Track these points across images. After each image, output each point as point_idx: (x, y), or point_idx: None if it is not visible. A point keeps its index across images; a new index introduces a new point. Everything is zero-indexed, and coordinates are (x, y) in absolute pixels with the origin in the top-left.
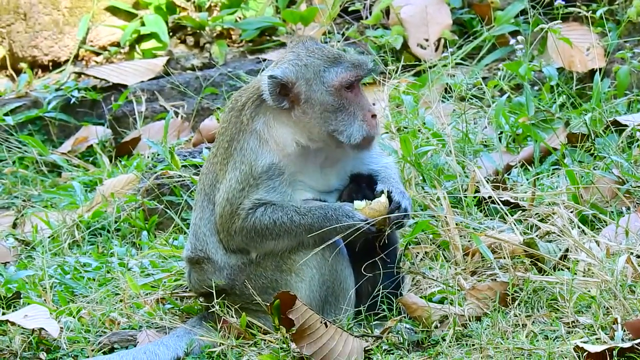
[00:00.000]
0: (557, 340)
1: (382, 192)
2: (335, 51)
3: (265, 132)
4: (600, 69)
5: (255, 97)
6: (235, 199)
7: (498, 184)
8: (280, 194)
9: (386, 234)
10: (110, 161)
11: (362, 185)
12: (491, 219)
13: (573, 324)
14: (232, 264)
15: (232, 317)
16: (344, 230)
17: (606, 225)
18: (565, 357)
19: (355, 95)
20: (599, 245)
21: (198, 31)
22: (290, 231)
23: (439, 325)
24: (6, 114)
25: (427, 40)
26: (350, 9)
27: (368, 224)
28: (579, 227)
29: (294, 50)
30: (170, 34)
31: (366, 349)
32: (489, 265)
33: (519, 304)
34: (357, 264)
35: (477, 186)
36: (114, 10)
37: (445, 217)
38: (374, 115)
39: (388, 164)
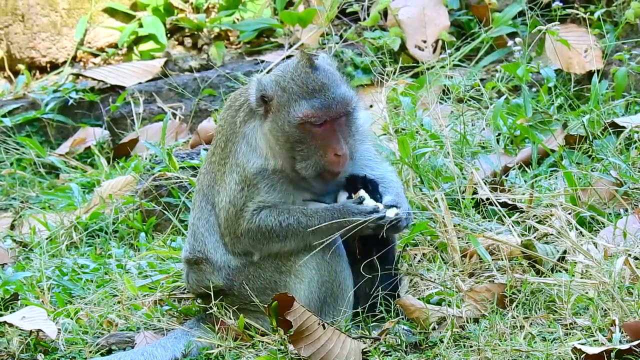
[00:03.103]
0: (555, 342)
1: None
2: (321, 82)
3: (254, 139)
4: (598, 71)
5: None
6: (237, 200)
7: (496, 186)
8: (282, 192)
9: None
10: (108, 163)
11: (358, 186)
12: (489, 221)
13: (571, 325)
14: (232, 265)
15: (230, 318)
16: (353, 228)
17: (604, 227)
18: (563, 359)
19: (323, 131)
20: (596, 247)
21: (196, 33)
22: (296, 233)
23: (436, 326)
24: (4, 116)
25: (425, 41)
26: (348, 11)
27: (380, 218)
28: (576, 229)
29: (289, 64)
30: (168, 35)
31: (364, 350)
32: (487, 266)
33: (516, 306)
34: (355, 265)
35: (475, 188)
36: (111, 12)
37: (443, 218)
38: (337, 155)
39: (387, 171)
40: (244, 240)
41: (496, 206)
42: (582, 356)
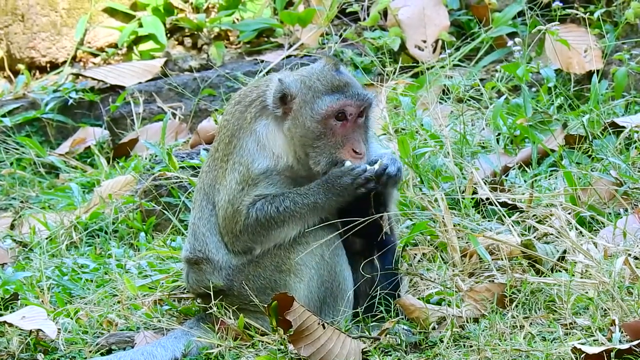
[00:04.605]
0: (555, 342)
1: (377, 161)
2: (345, 80)
3: (264, 137)
4: (597, 71)
5: (264, 98)
6: (236, 199)
7: (496, 186)
8: (280, 189)
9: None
10: (108, 162)
11: None
12: (489, 221)
13: (571, 325)
14: (232, 265)
15: (230, 318)
16: (347, 193)
17: (604, 226)
18: (563, 359)
19: (343, 127)
20: (596, 247)
21: (196, 32)
22: (294, 214)
23: (436, 326)
24: (4, 116)
25: (424, 41)
26: (347, 11)
27: (364, 171)
28: (576, 229)
29: (314, 67)
30: (168, 35)
31: (364, 350)
32: (487, 266)
33: (516, 306)
34: (355, 264)
35: (475, 188)
36: (111, 12)
37: (443, 218)
38: (356, 151)
39: (387, 153)
40: (244, 236)
41: (496, 206)
42: (582, 356)
